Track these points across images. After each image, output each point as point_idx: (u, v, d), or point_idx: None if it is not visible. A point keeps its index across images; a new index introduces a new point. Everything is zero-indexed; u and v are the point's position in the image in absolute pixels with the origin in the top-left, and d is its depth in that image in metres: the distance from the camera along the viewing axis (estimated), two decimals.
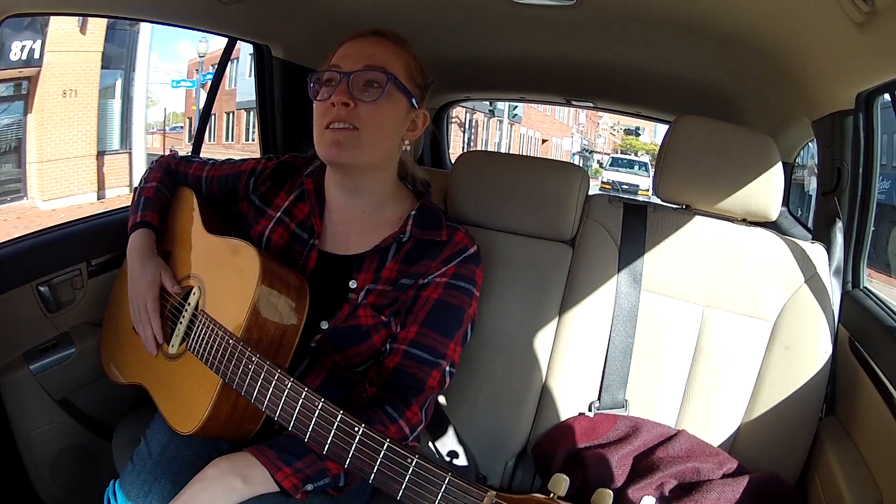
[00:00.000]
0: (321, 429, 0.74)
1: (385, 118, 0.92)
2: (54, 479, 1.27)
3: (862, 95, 1.10)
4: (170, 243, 1.08)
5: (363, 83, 0.91)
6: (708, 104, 1.89)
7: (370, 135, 0.91)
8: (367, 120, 0.90)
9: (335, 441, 0.73)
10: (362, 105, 0.90)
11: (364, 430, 0.72)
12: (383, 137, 0.93)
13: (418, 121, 0.98)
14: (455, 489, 0.67)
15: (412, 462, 0.69)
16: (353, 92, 0.90)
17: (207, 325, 0.89)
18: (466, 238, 0.98)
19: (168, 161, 1.15)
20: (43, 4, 1.11)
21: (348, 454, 0.72)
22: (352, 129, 0.90)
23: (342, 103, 0.89)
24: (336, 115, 0.89)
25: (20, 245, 1.23)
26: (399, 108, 0.94)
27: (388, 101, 0.91)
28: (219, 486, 0.77)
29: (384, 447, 0.71)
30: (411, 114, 0.96)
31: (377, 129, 0.91)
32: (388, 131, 0.93)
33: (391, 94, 0.92)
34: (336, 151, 0.90)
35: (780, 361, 1.08)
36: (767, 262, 1.12)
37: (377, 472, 0.71)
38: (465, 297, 0.95)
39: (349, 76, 0.90)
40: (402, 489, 0.69)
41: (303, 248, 0.99)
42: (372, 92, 0.90)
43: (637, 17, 1.31)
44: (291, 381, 0.77)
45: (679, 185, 1.17)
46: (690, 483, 1.02)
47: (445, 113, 2.84)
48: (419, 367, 0.91)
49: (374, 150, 0.92)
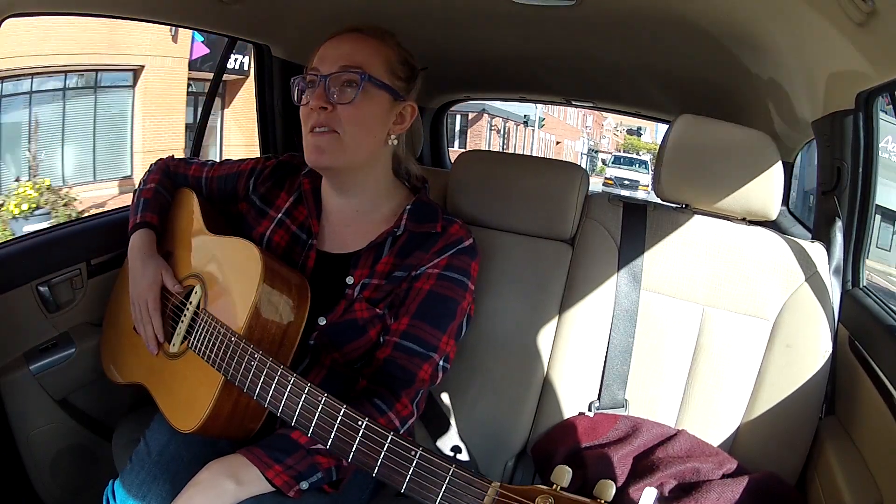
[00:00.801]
0: (325, 423, 0.75)
1: (364, 117, 0.92)
2: (54, 479, 1.27)
3: (862, 95, 1.10)
4: (171, 243, 1.08)
5: (340, 84, 0.91)
6: (708, 103, 1.88)
7: (351, 136, 0.91)
8: (347, 121, 0.90)
9: (338, 435, 0.74)
10: (340, 107, 0.90)
11: (368, 423, 0.72)
12: (365, 137, 0.93)
13: (405, 113, 0.97)
14: (459, 480, 0.67)
15: (416, 455, 0.69)
16: (330, 94, 0.90)
17: (209, 324, 0.89)
18: (462, 230, 0.98)
19: (167, 163, 1.16)
20: (43, 4, 1.12)
21: (352, 448, 0.73)
22: (332, 132, 0.90)
23: (320, 107, 0.90)
24: (316, 120, 0.90)
25: (20, 245, 1.23)
26: (379, 105, 0.93)
27: (365, 99, 0.91)
28: (212, 490, 0.78)
29: (388, 440, 0.71)
30: (396, 107, 0.95)
31: (358, 129, 0.91)
32: (369, 130, 0.93)
33: (369, 91, 0.91)
34: (318, 156, 0.91)
35: (779, 361, 1.08)
36: (767, 261, 1.12)
37: (381, 465, 0.71)
38: (458, 289, 0.94)
39: (326, 78, 0.90)
40: (406, 481, 0.69)
41: (302, 249, 0.99)
42: (349, 92, 0.90)
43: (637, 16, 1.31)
44: (294, 376, 0.78)
45: (679, 185, 1.17)
46: (690, 483, 1.02)
47: (445, 113, 2.84)
48: (409, 359, 0.91)
49: (357, 150, 0.92)
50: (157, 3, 1.28)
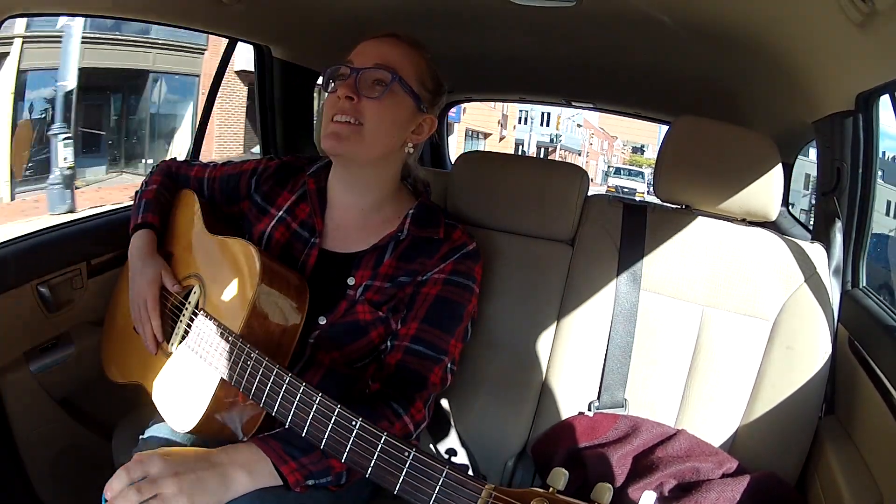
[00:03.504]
0: (319, 423, 0.74)
1: (387, 116, 0.93)
2: (54, 479, 1.27)
3: (862, 96, 1.10)
4: (171, 244, 1.08)
5: (371, 81, 0.93)
6: (708, 104, 1.89)
7: (371, 130, 0.92)
8: (370, 115, 0.92)
9: (332, 435, 0.73)
10: (366, 101, 0.92)
11: (361, 423, 0.72)
12: (384, 135, 0.94)
13: (425, 125, 0.99)
14: (453, 482, 0.66)
15: (409, 455, 0.69)
16: (359, 88, 0.92)
17: (207, 324, 0.89)
18: (465, 236, 0.99)
19: (169, 165, 1.17)
20: (43, 4, 1.12)
21: (346, 448, 0.72)
22: (354, 122, 0.91)
23: (346, 97, 0.91)
24: (340, 108, 0.91)
25: (20, 245, 1.22)
26: (403, 109, 0.95)
27: (392, 99, 0.93)
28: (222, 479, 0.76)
29: (381, 440, 0.70)
30: (417, 117, 0.97)
31: (379, 125, 0.93)
32: (389, 129, 0.94)
33: (396, 93, 0.93)
34: (335, 143, 0.92)
35: (779, 361, 1.08)
36: (767, 262, 1.12)
37: (374, 466, 0.70)
38: (464, 294, 0.96)
39: (358, 72, 0.92)
40: (399, 483, 0.69)
41: (303, 247, 0.99)
42: (377, 89, 0.92)
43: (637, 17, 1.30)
44: (290, 375, 0.78)
45: (679, 185, 1.17)
46: (690, 483, 1.02)
47: (445, 114, 2.84)
48: (421, 362, 0.92)
49: (374, 145, 0.93)
50: (157, 3, 1.28)
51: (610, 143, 29.37)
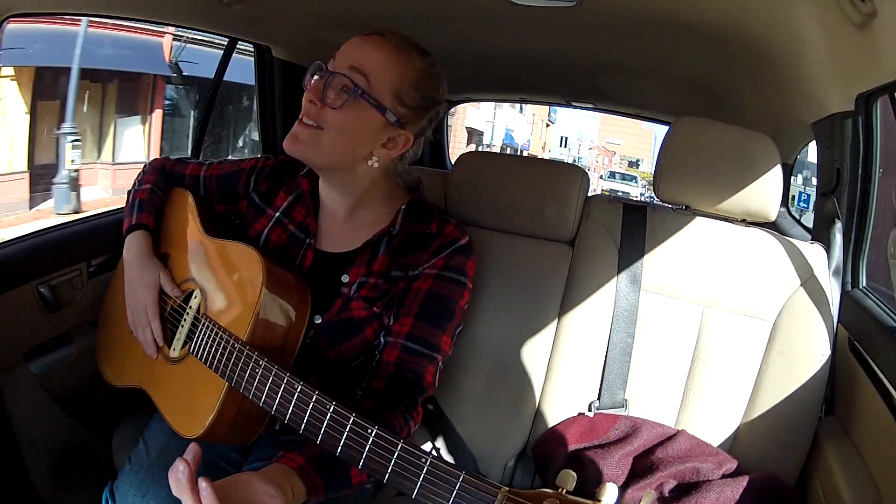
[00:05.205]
0: (334, 431, 0.74)
1: (346, 127, 0.89)
2: (54, 479, 1.26)
3: (861, 97, 1.10)
4: (167, 245, 1.07)
5: (340, 86, 0.89)
6: (708, 105, 1.89)
7: (330, 139, 0.89)
8: (329, 124, 0.89)
9: (348, 443, 0.73)
10: (328, 108, 0.89)
11: (377, 431, 0.72)
12: (344, 146, 0.91)
13: (399, 140, 0.92)
14: (469, 486, 0.68)
15: (426, 462, 0.69)
16: (326, 92, 0.89)
17: (211, 329, 0.88)
18: (457, 230, 0.98)
19: (162, 163, 1.14)
20: (43, 4, 1.12)
21: (362, 455, 0.73)
22: (316, 127, 0.89)
23: (310, 101, 0.90)
24: (306, 111, 0.90)
25: (20, 245, 1.22)
26: (367, 122, 0.90)
27: (353, 110, 0.89)
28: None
29: (398, 448, 0.71)
30: (389, 130, 0.91)
31: (338, 136, 0.89)
32: (349, 141, 0.91)
33: (360, 104, 0.88)
34: (290, 143, 0.90)
35: (779, 361, 1.08)
36: (767, 263, 1.12)
37: (392, 473, 0.71)
38: (456, 289, 0.95)
39: (331, 75, 0.90)
40: (416, 488, 0.70)
41: (299, 248, 0.99)
42: (342, 97, 0.89)
43: (637, 17, 1.31)
44: (302, 384, 0.77)
45: (679, 186, 1.17)
46: (690, 483, 1.02)
47: (446, 114, 2.84)
48: (418, 360, 0.91)
49: (331, 153, 0.91)
50: (157, 3, 1.28)
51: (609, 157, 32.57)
